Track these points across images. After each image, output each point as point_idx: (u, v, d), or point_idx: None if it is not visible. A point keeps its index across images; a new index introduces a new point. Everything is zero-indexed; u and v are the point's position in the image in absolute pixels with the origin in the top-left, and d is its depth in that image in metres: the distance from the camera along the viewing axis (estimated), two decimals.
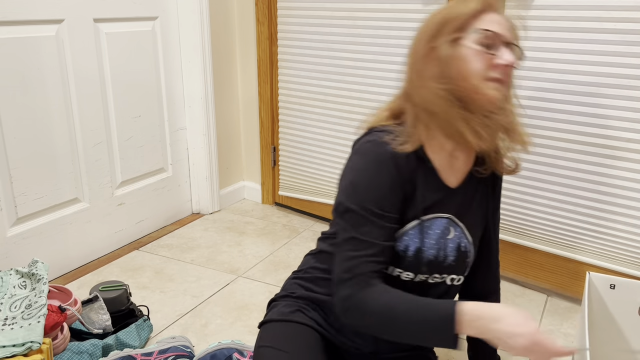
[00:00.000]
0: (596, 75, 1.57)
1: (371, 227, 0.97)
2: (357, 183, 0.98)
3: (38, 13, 1.73)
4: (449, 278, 1.09)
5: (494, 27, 0.95)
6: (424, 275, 1.06)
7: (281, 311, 1.17)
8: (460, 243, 1.07)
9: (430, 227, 1.04)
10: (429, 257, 1.04)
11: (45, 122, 1.80)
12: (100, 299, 1.52)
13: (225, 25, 2.36)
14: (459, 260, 1.08)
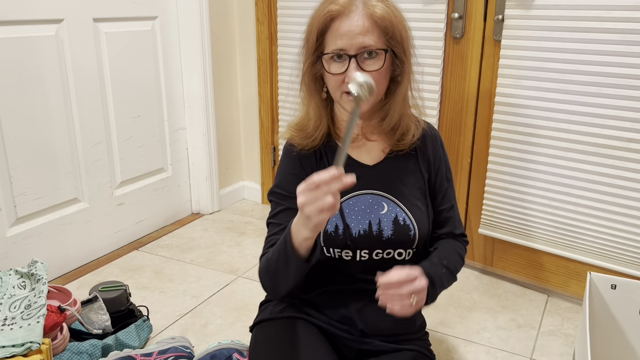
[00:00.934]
0: (596, 75, 1.57)
1: (281, 211, 1.13)
2: (276, 175, 1.19)
3: (38, 13, 1.72)
4: (396, 253, 1.12)
5: (340, 41, 1.02)
6: (363, 252, 1.11)
7: (272, 310, 1.21)
8: (398, 217, 1.11)
9: (355, 205, 1.11)
10: (360, 232, 1.09)
11: (44, 122, 1.79)
12: (100, 300, 1.51)
13: (225, 25, 2.36)
14: (399, 234, 1.10)
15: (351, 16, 1.02)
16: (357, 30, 1.02)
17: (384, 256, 1.12)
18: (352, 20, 1.02)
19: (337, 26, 1.03)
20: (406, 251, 1.13)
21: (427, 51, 1.85)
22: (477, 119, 1.85)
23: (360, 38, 1.02)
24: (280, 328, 1.15)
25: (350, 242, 1.10)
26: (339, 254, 1.12)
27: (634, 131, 1.55)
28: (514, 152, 1.76)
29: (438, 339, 1.61)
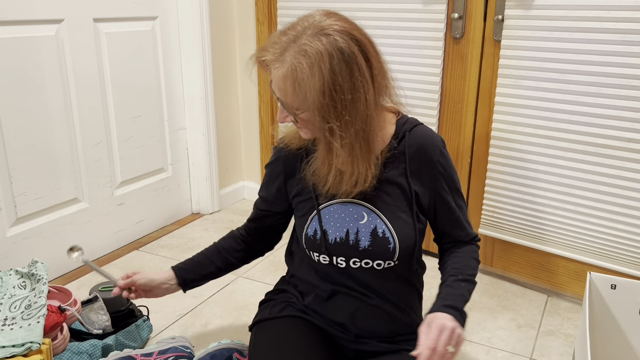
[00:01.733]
0: (596, 75, 1.57)
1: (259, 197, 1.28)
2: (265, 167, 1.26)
3: (38, 13, 1.72)
4: (375, 263, 1.11)
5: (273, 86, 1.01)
6: (340, 259, 1.11)
7: (274, 310, 1.22)
8: (377, 229, 1.09)
9: (335, 212, 1.11)
10: (336, 239, 1.09)
11: (44, 122, 1.79)
12: (100, 300, 1.51)
13: (225, 25, 2.36)
14: (376, 246, 1.09)
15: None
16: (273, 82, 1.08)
17: (362, 265, 1.11)
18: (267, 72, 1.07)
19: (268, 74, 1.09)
20: (385, 262, 1.11)
21: (427, 51, 1.85)
22: (477, 119, 1.85)
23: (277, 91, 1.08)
24: (279, 327, 1.16)
25: (326, 248, 1.10)
26: (317, 257, 1.13)
27: (634, 131, 1.55)
28: (514, 152, 1.76)
29: None
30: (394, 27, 1.93)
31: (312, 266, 1.18)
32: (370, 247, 1.09)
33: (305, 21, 0.97)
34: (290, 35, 0.96)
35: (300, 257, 1.23)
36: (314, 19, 0.97)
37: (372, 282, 1.14)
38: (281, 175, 1.20)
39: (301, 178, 1.15)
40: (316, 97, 0.94)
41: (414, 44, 1.89)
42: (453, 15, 1.79)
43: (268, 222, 1.29)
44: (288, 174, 1.18)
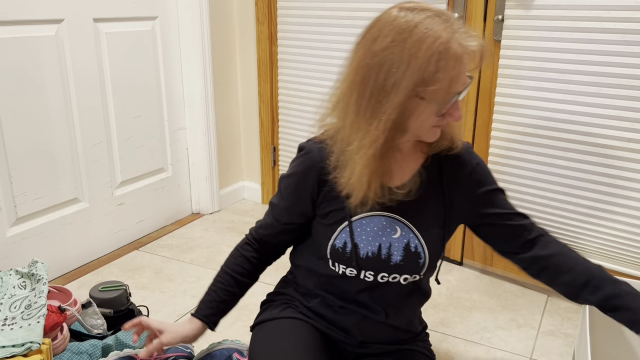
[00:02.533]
0: (596, 75, 1.57)
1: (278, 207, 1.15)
2: (283, 177, 1.13)
3: (38, 13, 1.72)
4: (402, 277, 1.09)
5: (460, 83, 0.93)
6: (368, 273, 1.08)
7: (274, 311, 1.21)
8: (410, 243, 1.06)
9: (367, 225, 1.06)
10: (368, 254, 1.06)
11: (44, 122, 1.79)
12: (94, 305, 1.51)
13: (225, 25, 2.36)
14: (408, 260, 1.06)
15: (466, 57, 0.93)
16: (467, 70, 0.95)
17: (389, 280, 1.09)
18: (466, 62, 0.93)
19: (456, 70, 0.91)
20: (412, 276, 1.09)
21: None
22: (477, 119, 1.85)
23: (466, 75, 0.95)
24: (280, 328, 1.15)
25: (357, 262, 1.07)
26: (344, 270, 1.09)
27: (634, 131, 1.55)
28: (514, 152, 1.76)
29: (438, 339, 1.61)
30: None
31: (324, 273, 1.13)
32: (401, 261, 1.06)
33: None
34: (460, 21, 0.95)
35: (309, 261, 1.18)
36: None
37: (391, 297, 1.12)
38: (314, 183, 1.08)
39: (333, 187, 1.06)
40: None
41: None
42: (453, 15, 1.78)
43: (287, 236, 1.19)
44: (321, 181, 1.07)
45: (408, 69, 0.90)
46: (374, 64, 0.93)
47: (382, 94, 0.93)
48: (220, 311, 1.20)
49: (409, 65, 0.90)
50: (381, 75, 0.92)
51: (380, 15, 0.97)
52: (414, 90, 0.91)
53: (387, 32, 0.92)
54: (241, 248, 1.23)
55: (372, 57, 0.93)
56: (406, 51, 0.90)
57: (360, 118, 0.96)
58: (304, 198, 1.09)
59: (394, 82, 0.91)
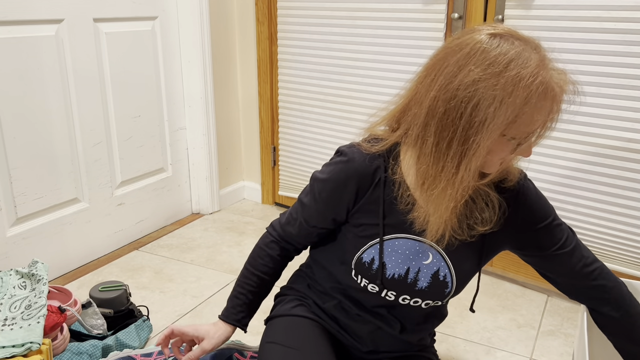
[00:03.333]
0: (596, 75, 1.57)
1: (311, 207, 1.07)
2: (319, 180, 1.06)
3: (38, 13, 1.72)
4: (423, 303, 1.07)
5: (553, 122, 0.88)
6: (391, 293, 1.05)
7: (285, 307, 1.19)
8: (439, 271, 1.03)
9: (400, 247, 1.02)
10: (394, 275, 1.03)
11: (44, 122, 1.79)
12: (94, 305, 1.51)
13: (225, 25, 2.36)
14: (434, 288, 1.04)
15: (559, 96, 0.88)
16: None
17: (410, 303, 1.07)
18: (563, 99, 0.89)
19: (547, 108, 0.85)
20: (434, 301, 1.07)
21: (427, 51, 1.85)
22: None
23: None
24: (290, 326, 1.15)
25: (381, 281, 1.04)
26: (366, 284, 1.06)
27: (634, 131, 1.55)
28: None
29: (438, 339, 1.61)
30: (394, 27, 1.93)
31: (345, 281, 1.10)
32: (427, 288, 1.04)
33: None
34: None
35: (331, 262, 1.13)
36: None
37: (409, 317, 1.11)
38: (353, 194, 1.02)
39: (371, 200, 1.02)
40: None
41: (414, 44, 1.89)
42: (453, 15, 1.79)
43: (314, 238, 1.13)
44: (360, 192, 1.02)
45: (501, 106, 0.81)
46: (461, 97, 0.83)
47: (469, 132, 0.84)
48: (251, 313, 1.18)
49: (503, 103, 0.81)
50: (468, 110, 0.83)
51: (464, 38, 0.88)
52: (503, 130, 0.84)
53: (478, 62, 0.83)
54: (267, 247, 1.16)
55: (458, 89, 0.84)
56: (500, 87, 0.81)
57: (442, 154, 0.87)
58: (339, 206, 1.04)
59: (484, 119, 0.82)
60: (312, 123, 2.27)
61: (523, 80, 0.81)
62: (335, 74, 2.13)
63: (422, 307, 1.08)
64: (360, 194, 1.02)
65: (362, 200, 1.02)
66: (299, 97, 2.28)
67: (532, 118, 0.84)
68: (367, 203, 1.02)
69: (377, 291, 1.06)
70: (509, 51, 0.83)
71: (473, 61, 0.84)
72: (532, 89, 0.81)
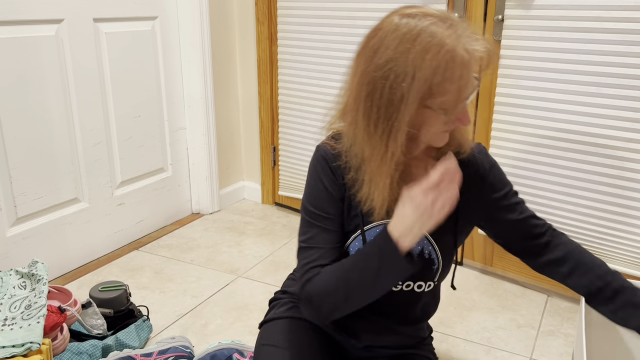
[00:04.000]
0: (596, 75, 1.57)
1: (316, 231, 1.02)
2: (306, 186, 1.05)
3: (38, 13, 1.72)
4: (416, 285, 1.08)
5: (470, 88, 0.89)
6: None
7: (280, 310, 1.20)
8: (424, 250, 1.06)
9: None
10: None
11: (44, 122, 1.79)
12: (94, 305, 1.51)
13: (225, 25, 2.36)
14: (422, 268, 1.06)
15: (473, 62, 0.89)
16: (474, 73, 0.90)
17: (403, 288, 1.08)
18: (474, 66, 0.89)
19: (463, 77, 0.87)
20: (426, 283, 1.09)
21: None
22: (477, 119, 1.85)
23: (474, 79, 0.91)
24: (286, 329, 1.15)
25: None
26: None
27: (634, 131, 1.55)
28: (514, 152, 1.76)
29: (438, 339, 1.61)
30: None
31: None
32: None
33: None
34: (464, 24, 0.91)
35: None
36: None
37: (403, 304, 1.12)
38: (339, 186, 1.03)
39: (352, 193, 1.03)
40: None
41: None
42: None
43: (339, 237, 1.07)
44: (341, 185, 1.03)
45: (414, 81, 0.86)
46: (378, 78, 0.88)
47: (390, 109, 0.88)
48: None
49: (415, 77, 0.85)
50: (386, 89, 0.87)
51: (380, 23, 0.94)
52: (422, 103, 0.88)
53: (389, 43, 0.88)
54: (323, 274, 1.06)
55: (375, 70, 0.88)
56: (410, 63, 0.85)
57: (371, 135, 0.92)
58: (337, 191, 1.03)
59: (401, 95, 0.87)
60: (312, 123, 2.27)
61: (430, 52, 0.85)
62: (335, 74, 2.13)
63: (415, 290, 1.09)
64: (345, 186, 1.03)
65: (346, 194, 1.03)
66: (299, 97, 2.28)
67: (446, 87, 0.87)
68: (349, 197, 1.03)
69: None
70: (417, 27, 0.87)
71: (385, 43, 0.89)
72: (440, 59, 0.85)
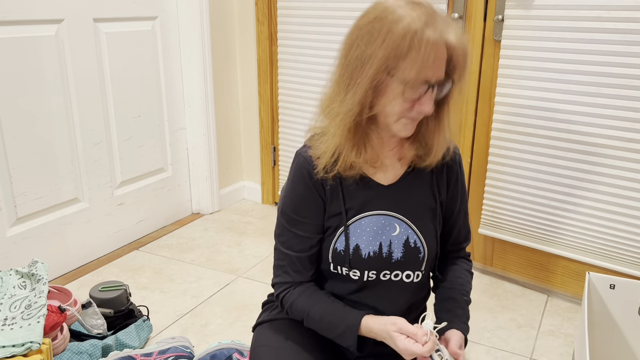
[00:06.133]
0: (596, 75, 1.57)
1: (290, 235, 1.10)
2: (285, 189, 1.11)
3: (38, 13, 1.73)
4: (404, 275, 1.11)
5: (429, 71, 0.93)
6: (372, 272, 1.09)
7: (274, 312, 1.20)
8: (409, 239, 1.09)
9: (367, 225, 1.08)
10: (370, 254, 1.07)
11: (45, 122, 1.79)
12: (94, 305, 1.51)
13: (225, 25, 2.36)
14: (408, 256, 1.09)
15: (439, 45, 0.93)
16: (442, 61, 0.95)
17: (391, 278, 1.11)
18: (440, 50, 0.93)
19: (427, 53, 0.92)
20: (414, 273, 1.11)
21: None
22: (477, 119, 1.85)
23: (442, 69, 0.96)
24: (281, 329, 1.16)
25: (360, 262, 1.08)
26: (347, 272, 1.10)
27: (634, 131, 1.55)
28: (514, 152, 1.76)
29: None
30: None
31: (326, 276, 1.14)
32: (402, 257, 1.09)
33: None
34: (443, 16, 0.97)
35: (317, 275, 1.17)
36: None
37: (393, 296, 1.13)
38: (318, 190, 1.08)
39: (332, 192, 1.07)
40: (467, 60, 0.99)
41: None
42: (453, 15, 1.79)
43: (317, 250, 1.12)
44: (320, 188, 1.08)
45: (383, 42, 0.92)
46: (355, 37, 0.96)
47: (358, 65, 0.95)
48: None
49: (385, 39, 0.92)
50: (361, 47, 0.95)
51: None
52: (386, 65, 0.93)
53: (371, 11, 0.96)
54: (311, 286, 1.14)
55: (354, 32, 0.97)
56: (385, 27, 0.93)
57: (340, 87, 0.99)
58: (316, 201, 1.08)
59: (370, 54, 0.94)
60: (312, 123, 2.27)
61: (404, 20, 0.92)
62: None
63: (404, 280, 1.11)
64: (323, 190, 1.08)
65: (327, 198, 1.08)
66: (299, 97, 2.28)
67: (410, 56, 0.92)
68: (330, 198, 1.08)
69: (359, 276, 1.10)
70: (400, 4, 0.94)
71: (369, 12, 0.97)
72: (410, 28, 0.92)
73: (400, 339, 0.98)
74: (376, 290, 1.12)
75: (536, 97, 1.68)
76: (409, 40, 0.91)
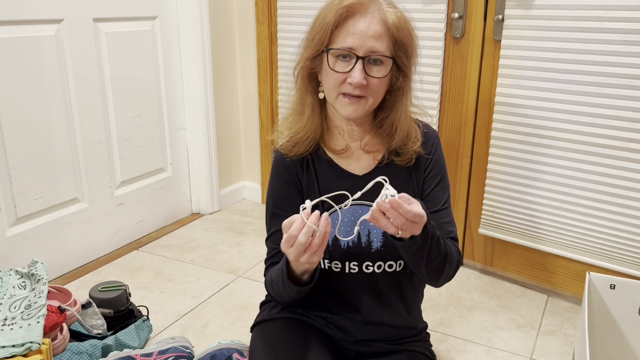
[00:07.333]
0: (596, 75, 1.57)
1: (275, 229, 1.13)
2: (268, 186, 1.18)
3: (37, 13, 1.72)
4: (387, 265, 1.11)
5: (351, 40, 1.01)
6: (353, 264, 1.10)
7: (273, 312, 1.21)
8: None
9: (344, 216, 1.09)
10: (349, 244, 1.09)
11: (44, 122, 1.79)
12: (94, 305, 1.51)
13: (225, 25, 2.36)
14: (388, 246, 1.09)
15: (367, 17, 1.01)
16: (370, 33, 1.00)
17: (374, 269, 1.11)
18: (367, 22, 1.00)
19: (350, 24, 1.01)
20: (397, 262, 1.11)
21: (427, 51, 1.85)
22: (477, 119, 1.85)
23: (372, 41, 1.00)
24: (279, 328, 1.16)
25: (339, 253, 1.09)
26: (329, 265, 1.11)
27: (634, 131, 1.55)
28: (514, 152, 1.76)
29: (438, 339, 1.61)
30: None
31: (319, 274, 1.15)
32: (382, 247, 1.09)
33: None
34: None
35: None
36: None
37: (379, 290, 1.13)
38: (295, 183, 1.14)
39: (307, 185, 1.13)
40: (412, 44, 1.08)
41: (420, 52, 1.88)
42: (453, 15, 1.78)
43: None
44: (297, 181, 1.14)
45: (322, 24, 1.03)
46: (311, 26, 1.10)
47: (306, 47, 1.12)
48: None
49: (324, 20, 1.03)
50: (310, 32, 1.09)
51: None
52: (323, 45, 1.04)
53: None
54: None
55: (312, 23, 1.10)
56: (324, 12, 1.04)
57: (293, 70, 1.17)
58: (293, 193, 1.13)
59: (313, 36, 1.07)
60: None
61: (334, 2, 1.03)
62: None
63: (387, 271, 1.11)
64: (298, 183, 1.13)
65: (304, 190, 1.12)
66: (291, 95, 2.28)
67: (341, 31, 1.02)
68: (307, 190, 1.12)
69: (340, 268, 1.11)
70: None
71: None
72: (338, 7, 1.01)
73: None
74: (362, 284, 1.12)
75: (536, 97, 1.68)
76: (334, 11, 1.01)
